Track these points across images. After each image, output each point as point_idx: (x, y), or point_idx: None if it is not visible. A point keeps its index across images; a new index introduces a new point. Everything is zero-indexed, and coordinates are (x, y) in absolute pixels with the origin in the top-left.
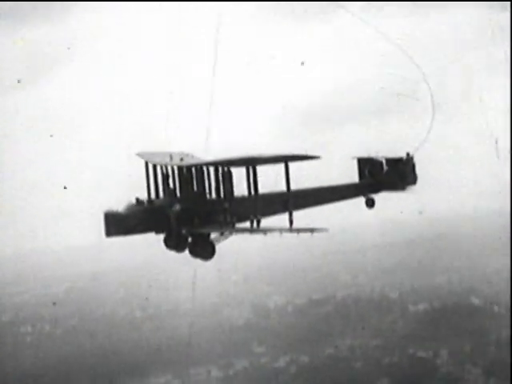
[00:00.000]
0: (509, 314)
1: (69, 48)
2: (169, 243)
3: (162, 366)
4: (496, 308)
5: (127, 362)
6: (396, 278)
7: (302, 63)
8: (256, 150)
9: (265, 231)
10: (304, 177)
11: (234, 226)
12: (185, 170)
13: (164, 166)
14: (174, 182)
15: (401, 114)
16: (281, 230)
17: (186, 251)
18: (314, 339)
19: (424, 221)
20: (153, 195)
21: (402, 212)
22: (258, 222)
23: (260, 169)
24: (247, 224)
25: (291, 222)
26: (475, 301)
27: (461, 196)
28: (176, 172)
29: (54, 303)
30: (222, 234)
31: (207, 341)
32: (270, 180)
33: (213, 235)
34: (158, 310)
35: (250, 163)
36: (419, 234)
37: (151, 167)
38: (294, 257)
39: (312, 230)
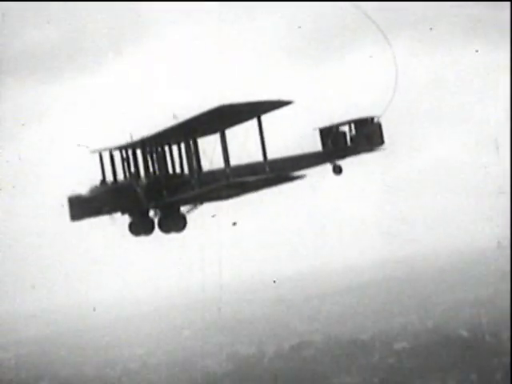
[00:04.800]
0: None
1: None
2: (134, 227)
3: None
4: (487, 337)
5: None
6: (353, 323)
7: None
8: None
9: (241, 182)
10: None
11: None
12: (147, 145)
13: (124, 150)
14: (136, 164)
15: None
16: (257, 180)
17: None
18: (312, 381)
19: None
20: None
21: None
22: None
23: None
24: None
25: (265, 161)
26: (465, 334)
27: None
28: (139, 151)
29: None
30: (192, 204)
31: None
32: (239, 144)
33: (182, 208)
34: (127, 367)
35: (219, 115)
36: (351, 283)
37: (108, 155)
38: (238, 307)
39: (290, 178)
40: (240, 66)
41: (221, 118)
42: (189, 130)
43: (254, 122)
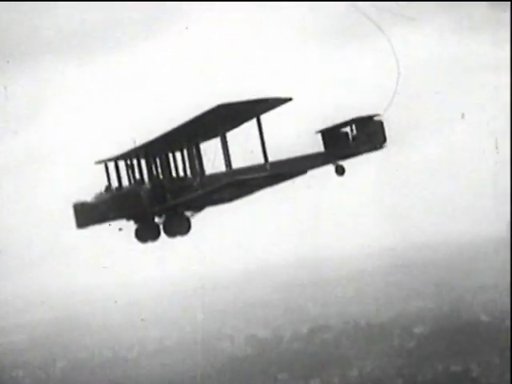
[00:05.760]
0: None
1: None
2: (141, 234)
3: None
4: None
5: None
6: (369, 308)
7: None
8: None
9: (243, 180)
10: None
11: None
12: (150, 151)
13: (128, 157)
14: (140, 170)
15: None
16: (260, 177)
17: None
18: (331, 363)
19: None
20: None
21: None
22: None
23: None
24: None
25: (266, 157)
26: (484, 318)
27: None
28: (142, 158)
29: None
30: (195, 209)
31: (221, 373)
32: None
33: (187, 213)
34: (144, 349)
35: (218, 116)
36: (363, 268)
37: (112, 165)
38: (251, 291)
39: (292, 174)
40: (238, 67)
41: (220, 119)
42: (190, 133)
43: (255, 123)
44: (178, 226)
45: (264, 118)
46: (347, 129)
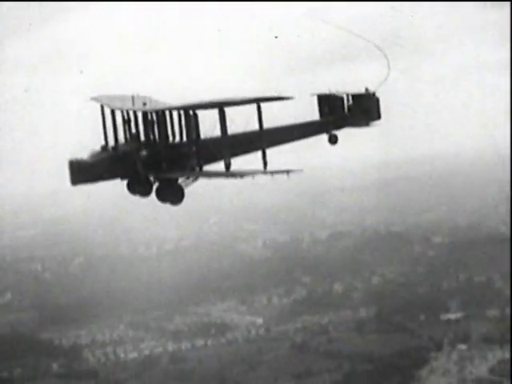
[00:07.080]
0: None
1: None
2: (132, 188)
3: (225, 294)
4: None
5: (174, 293)
6: (384, 217)
7: None
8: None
9: (238, 175)
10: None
11: (201, 169)
12: (149, 115)
13: (125, 111)
14: (137, 127)
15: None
16: (254, 173)
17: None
18: (354, 269)
19: (388, 164)
20: (112, 141)
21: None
22: (229, 165)
23: (231, 110)
24: (220, 165)
25: (265, 163)
26: (505, 230)
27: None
28: (140, 117)
29: None
30: (189, 178)
31: (240, 273)
32: (242, 121)
33: (181, 179)
34: (161, 248)
35: (222, 106)
36: (385, 178)
37: (109, 112)
38: (264, 198)
39: (287, 172)
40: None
41: (221, 106)
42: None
43: None
44: (171, 195)
45: None
46: (343, 95)
